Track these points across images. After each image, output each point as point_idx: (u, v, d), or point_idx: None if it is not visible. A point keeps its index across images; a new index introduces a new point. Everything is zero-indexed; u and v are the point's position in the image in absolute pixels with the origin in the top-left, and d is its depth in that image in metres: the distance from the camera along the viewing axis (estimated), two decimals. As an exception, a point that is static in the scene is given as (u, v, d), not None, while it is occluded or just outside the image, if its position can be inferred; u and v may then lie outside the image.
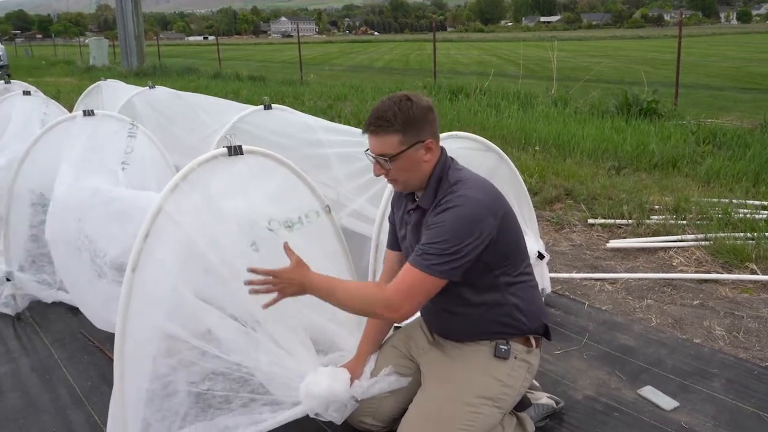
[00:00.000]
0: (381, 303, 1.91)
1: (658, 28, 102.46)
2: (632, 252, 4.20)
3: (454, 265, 1.89)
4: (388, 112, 1.93)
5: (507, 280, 2.04)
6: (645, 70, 12.18)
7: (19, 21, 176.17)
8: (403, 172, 1.99)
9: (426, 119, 1.97)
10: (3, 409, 2.59)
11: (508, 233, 2.00)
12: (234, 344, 2.09)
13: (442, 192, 1.99)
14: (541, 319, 2.15)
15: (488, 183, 2.05)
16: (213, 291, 2.16)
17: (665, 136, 7.09)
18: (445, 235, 1.87)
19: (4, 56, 22.74)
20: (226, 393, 2.12)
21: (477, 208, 1.90)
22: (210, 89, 13.23)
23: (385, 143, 1.95)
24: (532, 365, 2.14)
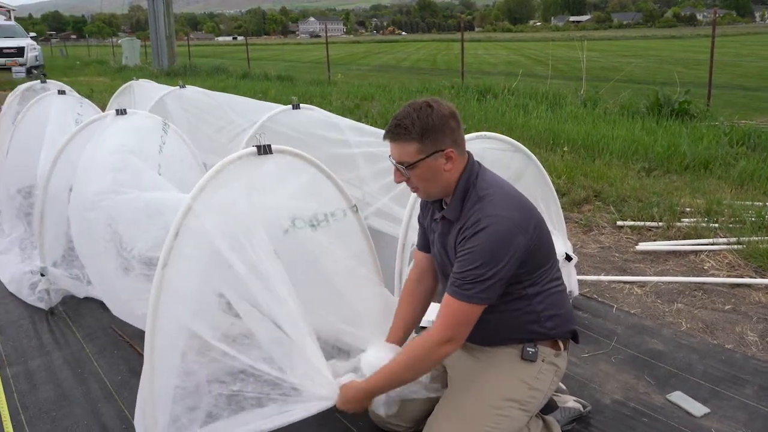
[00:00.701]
0: (436, 345, 1.90)
1: (690, 27, 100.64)
2: (662, 255, 4.14)
3: (493, 289, 1.87)
4: (406, 119, 1.90)
5: (536, 289, 2.01)
6: (677, 70, 12.00)
7: (55, 22, 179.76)
8: (423, 181, 1.97)
9: (446, 127, 1.92)
10: (37, 401, 2.65)
11: (539, 246, 1.97)
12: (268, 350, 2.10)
13: (469, 205, 1.95)
14: (570, 323, 2.13)
15: (517, 194, 2.01)
16: (240, 291, 2.18)
17: (697, 138, 6.96)
18: (479, 261, 1.85)
19: (41, 57, 23.24)
20: (257, 395, 2.12)
21: (508, 228, 1.86)
22: (239, 89, 13.35)
23: (403, 151, 1.93)
24: (559, 368, 2.12)
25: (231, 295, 2.12)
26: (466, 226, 1.90)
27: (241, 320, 2.12)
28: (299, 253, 2.39)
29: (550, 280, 2.05)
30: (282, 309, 2.08)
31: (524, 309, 2.02)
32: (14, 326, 3.35)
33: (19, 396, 2.69)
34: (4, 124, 5.47)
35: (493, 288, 1.87)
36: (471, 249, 1.87)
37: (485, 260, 1.84)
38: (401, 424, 2.23)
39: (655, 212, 4.72)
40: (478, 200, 1.93)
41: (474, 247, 1.86)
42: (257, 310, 2.10)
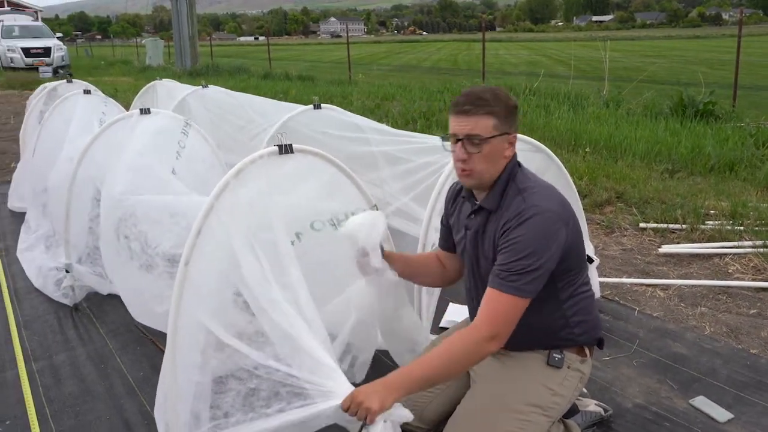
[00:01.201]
0: (481, 342, 1.80)
1: (715, 27, 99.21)
2: (685, 258, 4.08)
3: (539, 281, 1.84)
4: (486, 93, 1.89)
5: (569, 291, 1.99)
6: (701, 71, 11.84)
7: (80, 22, 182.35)
8: (485, 161, 1.91)
9: (516, 113, 1.95)
10: (61, 395, 2.70)
11: (576, 244, 1.96)
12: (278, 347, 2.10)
13: (509, 196, 1.93)
14: (597, 329, 2.10)
15: (556, 191, 1.99)
16: (257, 290, 2.19)
17: (722, 139, 6.86)
18: (525, 251, 1.82)
19: (67, 57, 23.65)
20: (268, 395, 2.13)
21: (551, 219, 1.85)
22: (260, 89, 13.44)
23: (478, 124, 1.88)
24: (584, 375, 2.10)
25: (247, 294, 2.13)
26: (509, 217, 1.88)
27: (256, 319, 2.13)
28: (318, 253, 2.40)
29: (581, 284, 2.03)
30: (298, 309, 2.09)
31: (555, 313, 2.00)
32: (40, 321, 3.40)
33: (44, 390, 2.74)
34: (30, 124, 5.57)
35: (538, 280, 1.84)
36: (516, 239, 1.84)
37: (532, 250, 1.82)
38: (420, 425, 2.22)
39: (679, 214, 4.66)
40: (518, 192, 1.92)
41: (519, 237, 1.83)
42: (272, 309, 2.12)
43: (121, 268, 3.20)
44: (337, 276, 2.40)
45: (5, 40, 23.08)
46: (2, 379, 2.84)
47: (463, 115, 1.90)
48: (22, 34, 23.74)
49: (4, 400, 2.67)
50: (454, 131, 1.92)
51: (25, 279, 3.94)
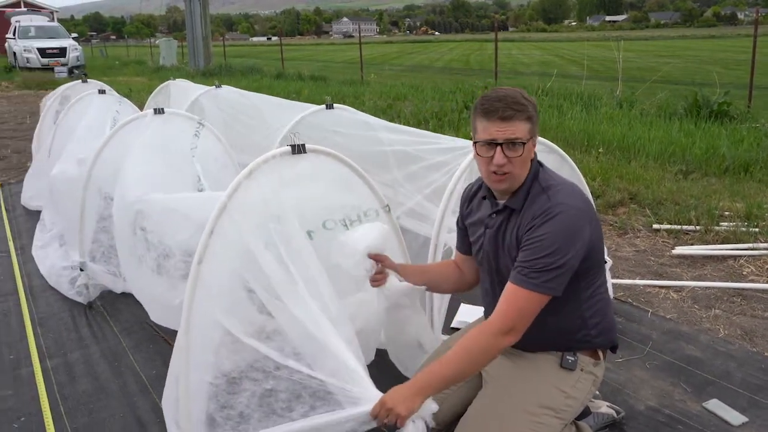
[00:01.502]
0: (497, 335, 1.82)
1: (731, 27, 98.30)
2: (699, 259, 4.05)
3: (561, 279, 1.84)
4: (519, 97, 1.88)
5: (589, 291, 1.99)
6: (716, 71, 11.73)
7: (95, 23, 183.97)
8: (522, 165, 1.92)
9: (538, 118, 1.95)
10: (75, 393, 2.72)
11: (597, 242, 1.95)
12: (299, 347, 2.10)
13: (534, 194, 1.93)
14: (613, 332, 2.09)
15: (578, 187, 1.99)
16: (273, 289, 2.20)
17: (737, 140, 6.80)
18: (549, 249, 1.82)
19: (82, 57, 23.86)
20: (289, 396, 2.11)
21: (577, 216, 1.86)
22: (273, 89, 13.48)
23: (518, 128, 1.88)
24: (597, 378, 2.08)
25: (263, 293, 2.14)
26: (534, 215, 1.88)
27: (273, 318, 2.13)
28: (329, 254, 2.40)
29: (600, 285, 2.03)
30: (317, 308, 2.08)
31: (573, 313, 1.99)
32: (54, 319, 3.44)
33: (59, 387, 2.77)
34: (45, 124, 5.62)
35: (560, 278, 1.84)
36: (541, 236, 1.84)
37: (556, 248, 1.82)
38: (433, 426, 2.22)
39: (693, 216, 4.62)
40: (542, 191, 1.92)
41: (545, 235, 1.83)
42: (290, 308, 2.12)
43: (137, 264, 3.21)
44: (347, 276, 2.41)
45: (21, 40, 23.31)
46: (18, 376, 2.87)
47: (503, 121, 1.88)
48: (38, 35, 23.97)
49: (20, 397, 2.70)
50: (493, 136, 1.89)
51: (40, 277, 3.99)
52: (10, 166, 7.46)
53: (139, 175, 3.24)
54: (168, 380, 2.19)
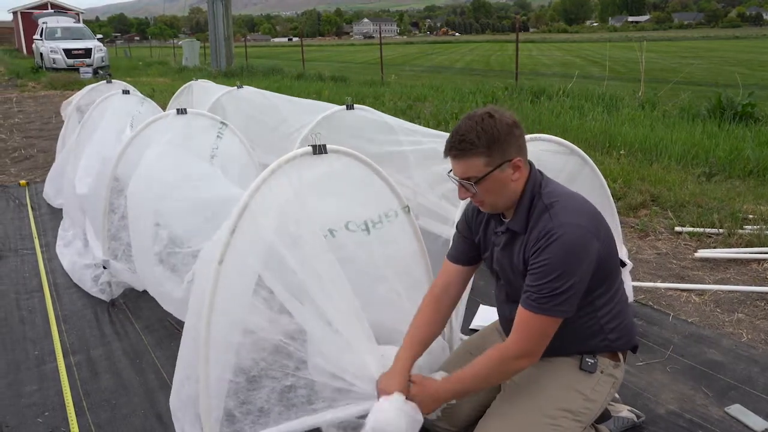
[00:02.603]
0: (514, 357, 1.87)
1: (756, 27, 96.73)
2: (722, 263, 4.00)
3: (571, 301, 1.83)
4: (470, 133, 1.83)
5: (604, 299, 1.96)
6: (740, 72, 11.56)
7: (120, 24, 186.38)
8: (491, 194, 1.90)
9: (512, 136, 1.86)
10: (98, 389, 2.76)
11: (609, 254, 1.92)
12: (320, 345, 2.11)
13: (536, 214, 1.89)
14: (632, 334, 2.07)
15: (583, 201, 1.94)
16: (294, 289, 2.21)
17: (762, 142, 6.70)
18: (554, 273, 1.80)
19: (107, 57, 24.22)
20: (308, 393, 2.14)
21: (581, 236, 1.81)
22: (294, 89, 13.56)
23: (469, 166, 1.86)
24: (617, 380, 2.07)
25: (283, 293, 2.15)
26: (538, 237, 1.85)
27: (293, 318, 2.15)
28: (351, 255, 2.41)
29: (616, 290, 2.00)
30: (337, 308, 2.10)
31: (590, 321, 1.97)
32: (78, 316, 3.49)
33: (82, 383, 2.81)
34: (71, 124, 5.71)
35: (570, 300, 1.82)
36: (545, 262, 1.81)
37: (561, 272, 1.79)
38: (450, 428, 2.22)
39: (716, 218, 4.56)
40: (545, 209, 1.87)
41: (548, 260, 1.81)
42: (310, 308, 2.13)
43: (145, 252, 3.26)
44: (373, 278, 2.42)
45: (48, 41, 23.71)
46: (42, 371, 2.92)
47: (455, 159, 1.89)
48: (64, 36, 24.37)
49: (44, 392, 2.74)
50: (453, 172, 1.92)
51: (64, 274, 4.05)
52: (36, 165, 7.59)
53: (155, 172, 3.29)
54: (178, 381, 2.21)
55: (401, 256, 2.49)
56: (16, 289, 3.87)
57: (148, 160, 3.33)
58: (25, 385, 2.80)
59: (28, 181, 6.64)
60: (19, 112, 12.56)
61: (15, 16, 43.28)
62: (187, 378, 2.16)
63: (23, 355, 3.08)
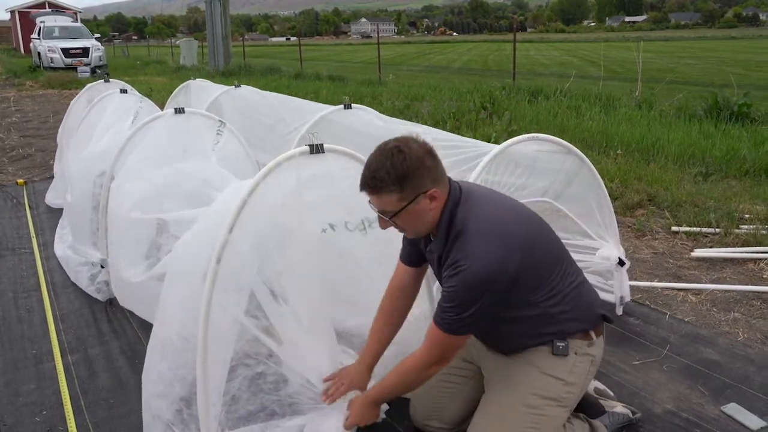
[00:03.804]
0: (425, 366, 1.98)
1: (752, 27, 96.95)
2: (719, 262, 4.01)
3: (475, 324, 1.88)
4: (380, 170, 1.82)
5: (544, 296, 1.95)
6: (737, 72, 11.59)
7: (118, 23, 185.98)
8: (409, 224, 1.93)
9: (423, 168, 1.83)
10: (96, 388, 2.76)
11: (536, 265, 1.90)
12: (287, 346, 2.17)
13: (451, 238, 1.90)
14: (593, 311, 2.06)
15: (500, 222, 1.90)
16: (286, 288, 2.23)
17: (758, 142, 6.72)
18: (457, 301, 1.84)
19: (104, 57, 24.17)
20: (276, 380, 2.24)
21: (484, 269, 1.79)
22: (291, 89, 13.54)
23: (383, 202, 1.87)
24: (595, 357, 2.06)
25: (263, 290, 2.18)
26: (447, 264, 1.89)
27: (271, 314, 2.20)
28: (348, 253, 2.42)
29: (559, 283, 1.98)
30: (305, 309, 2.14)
31: (540, 316, 1.97)
32: (76, 315, 3.49)
33: (79, 382, 2.81)
34: (68, 125, 5.71)
35: (474, 324, 1.88)
36: (451, 289, 1.86)
37: (460, 301, 1.84)
38: (442, 425, 2.24)
39: (712, 218, 4.58)
40: (457, 235, 1.88)
41: (451, 288, 1.85)
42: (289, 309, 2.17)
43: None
44: (369, 277, 2.43)
45: (46, 40, 23.64)
46: (40, 370, 2.92)
47: (369, 194, 1.90)
48: (61, 35, 24.29)
49: (42, 391, 2.74)
50: (371, 203, 1.94)
51: (62, 273, 4.05)
52: (34, 164, 7.58)
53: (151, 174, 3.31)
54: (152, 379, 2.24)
55: (395, 256, 2.49)
56: (14, 288, 3.87)
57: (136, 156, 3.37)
58: (23, 384, 2.80)
59: (25, 180, 6.63)
60: (17, 111, 12.53)
61: (12, 15, 43.19)
62: (181, 378, 2.17)
63: (21, 354, 3.07)
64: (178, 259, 2.38)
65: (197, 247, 2.24)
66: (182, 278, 2.26)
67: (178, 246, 2.44)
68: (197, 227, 2.39)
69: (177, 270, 2.32)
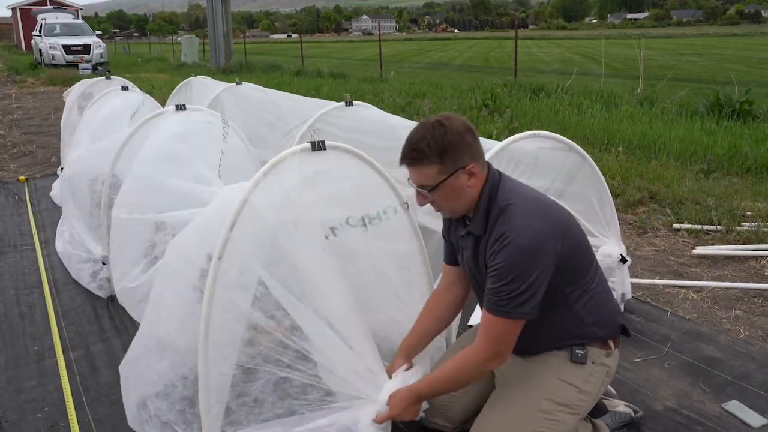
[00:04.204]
0: (482, 362, 1.90)
1: (754, 24, 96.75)
2: (720, 260, 4.01)
3: (531, 302, 1.83)
4: (421, 142, 1.85)
5: (578, 293, 1.97)
6: (739, 69, 11.56)
7: (119, 20, 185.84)
8: (447, 201, 1.93)
9: (463, 143, 1.86)
10: (97, 384, 2.77)
11: (574, 252, 1.92)
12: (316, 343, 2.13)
13: (493, 216, 1.90)
14: (616, 320, 2.08)
15: (542, 201, 1.95)
16: (290, 285, 2.22)
17: (760, 139, 6.71)
18: (510, 276, 1.81)
19: (105, 54, 24.18)
20: (303, 384, 2.16)
21: (534, 238, 1.81)
22: (293, 86, 13.54)
23: (422, 175, 1.88)
24: (610, 369, 2.07)
25: (278, 290, 2.16)
26: (494, 240, 1.86)
27: (289, 315, 2.16)
28: (351, 250, 2.42)
29: (590, 281, 2.00)
30: (332, 306, 2.11)
31: (567, 317, 1.97)
32: (77, 312, 3.49)
33: (81, 378, 2.82)
34: (70, 121, 5.71)
35: (530, 302, 1.83)
36: (500, 265, 1.83)
37: (515, 275, 1.80)
38: (447, 424, 2.24)
39: (714, 215, 4.58)
40: (500, 212, 1.88)
41: (502, 263, 1.82)
42: (308, 305, 2.14)
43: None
44: (371, 274, 2.42)
45: (47, 37, 23.65)
46: (42, 367, 2.93)
47: (409, 167, 1.91)
48: (63, 32, 24.30)
49: (44, 387, 2.75)
50: (410, 179, 1.95)
51: (63, 270, 4.06)
52: (35, 161, 7.58)
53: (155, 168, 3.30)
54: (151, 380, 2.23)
55: (400, 253, 2.49)
56: (16, 285, 3.88)
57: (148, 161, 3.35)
58: (25, 380, 2.81)
59: (27, 177, 6.64)
60: (18, 108, 12.54)
61: (14, 12, 43.16)
62: (181, 378, 2.17)
63: (23, 350, 3.08)
64: (175, 257, 2.37)
65: (195, 245, 2.23)
66: (180, 277, 2.25)
67: (174, 245, 2.43)
68: (195, 225, 2.38)
69: (174, 268, 2.32)
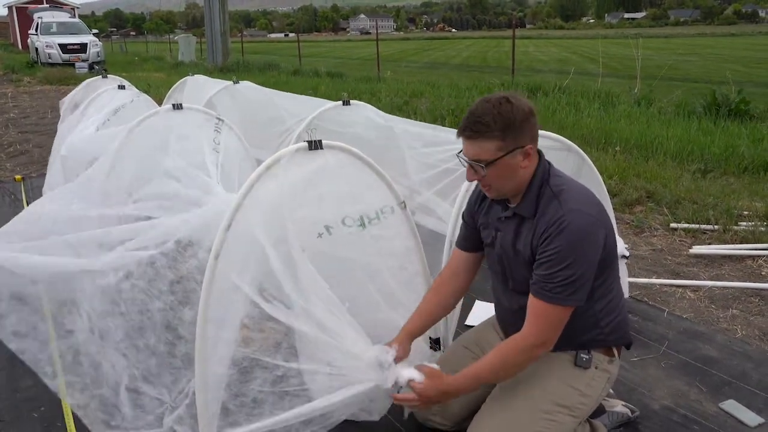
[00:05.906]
0: (530, 349, 1.89)
1: (752, 24, 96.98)
2: (717, 259, 4.02)
3: (583, 289, 1.84)
4: (486, 115, 1.82)
5: (601, 291, 1.97)
6: (736, 69, 11.59)
7: (116, 19, 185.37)
8: (499, 179, 1.90)
9: (527, 123, 1.86)
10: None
11: (611, 245, 1.93)
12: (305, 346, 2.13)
13: (544, 201, 1.89)
14: (627, 329, 2.09)
15: (590, 192, 1.95)
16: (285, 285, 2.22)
17: (757, 139, 6.73)
18: (566, 262, 1.81)
19: (102, 53, 24.15)
20: (301, 381, 2.15)
21: (590, 223, 1.83)
22: (290, 85, 13.52)
23: (481, 148, 1.86)
24: (612, 375, 2.08)
25: (271, 290, 2.16)
26: (548, 224, 1.85)
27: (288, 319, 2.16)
28: (347, 249, 2.42)
29: (612, 282, 2.01)
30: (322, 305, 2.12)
31: (586, 314, 1.96)
32: (73, 312, 3.48)
33: (77, 378, 2.80)
34: (67, 121, 5.69)
35: (582, 288, 1.84)
36: (556, 249, 1.82)
37: (573, 259, 1.80)
38: (445, 422, 2.23)
39: (711, 215, 4.58)
40: (553, 197, 1.88)
41: (559, 247, 1.81)
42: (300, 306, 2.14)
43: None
44: (368, 274, 2.42)
45: (44, 36, 23.60)
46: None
47: (466, 139, 1.89)
48: (59, 31, 24.25)
49: (40, 387, 2.73)
50: (464, 153, 1.92)
51: (59, 270, 4.03)
52: (32, 160, 7.56)
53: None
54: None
55: (397, 252, 2.49)
56: (12, 284, 3.85)
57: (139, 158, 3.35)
58: (21, 379, 2.79)
59: (23, 176, 6.62)
60: (15, 107, 12.50)
61: (10, 10, 43.01)
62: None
63: (19, 350, 3.07)
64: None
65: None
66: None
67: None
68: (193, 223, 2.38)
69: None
